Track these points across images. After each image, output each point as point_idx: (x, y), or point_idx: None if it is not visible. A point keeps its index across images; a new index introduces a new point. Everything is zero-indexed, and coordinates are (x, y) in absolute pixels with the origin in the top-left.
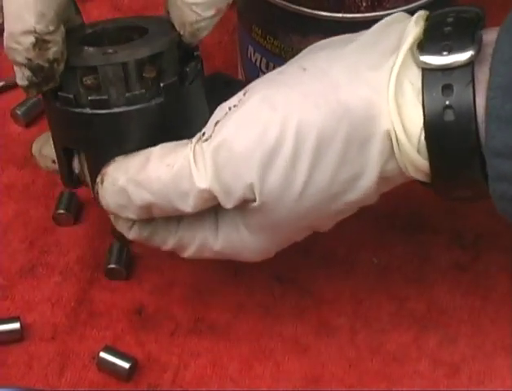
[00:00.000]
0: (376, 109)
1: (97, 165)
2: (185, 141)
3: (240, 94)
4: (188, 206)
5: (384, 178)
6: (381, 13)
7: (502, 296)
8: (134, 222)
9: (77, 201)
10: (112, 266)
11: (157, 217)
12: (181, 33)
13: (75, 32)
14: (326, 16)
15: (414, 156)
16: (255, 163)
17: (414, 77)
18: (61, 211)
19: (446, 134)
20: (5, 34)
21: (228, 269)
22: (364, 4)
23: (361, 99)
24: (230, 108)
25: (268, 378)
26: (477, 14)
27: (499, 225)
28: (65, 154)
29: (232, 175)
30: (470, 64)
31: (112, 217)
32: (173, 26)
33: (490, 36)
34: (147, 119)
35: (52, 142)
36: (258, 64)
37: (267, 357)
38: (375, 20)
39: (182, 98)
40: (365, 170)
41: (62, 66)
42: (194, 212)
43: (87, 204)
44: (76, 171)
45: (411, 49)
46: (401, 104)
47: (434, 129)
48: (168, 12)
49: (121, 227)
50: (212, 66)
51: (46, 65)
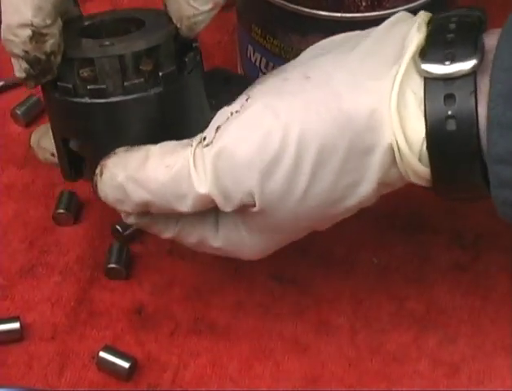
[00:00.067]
0: (378, 119)
1: (96, 156)
2: (185, 141)
3: (242, 99)
4: (186, 207)
5: (384, 183)
6: (380, 13)
7: (502, 296)
8: None
9: (77, 201)
10: (111, 266)
11: None
12: (178, 27)
13: (73, 23)
14: (325, 16)
15: (415, 165)
16: (256, 171)
17: (416, 86)
18: (61, 211)
19: (448, 143)
20: (2, 26)
21: (228, 268)
22: (364, 4)
23: (364, 109)
24: (232, 113)
25: (268, 377)
26: (479, 18)
27: (499, 225)
28: (65, 146)
29: (232, 182)
30: (473, 73)
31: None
32: (170, 19)
33: (491, 40)
34: (145, 108)
35: (52, 134)
36: (258, 64)
37: (267, 356)
38: (374, 20)
39: (180, 87)
40: (365, 178)
41: (59, 58)
42: (191, 212)
43: (87, 204)
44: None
45: (413, 57)
46: (403, 115)
47: (435, 138)
48: (165, 5)
49: (120, 212)
50: (212, 66)
51: (43, 58)
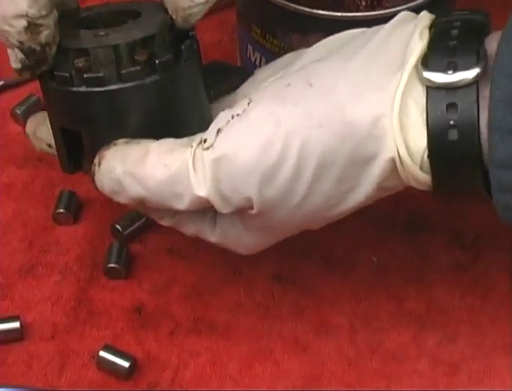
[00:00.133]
0: (380, 129)
1: (94, 145)
2: (185, 140)
3: (244, 103)
4: (182, 206)
5: (383, 188)
6: (380, 12)
7: (502, 295)
8: None
9: (77, 200)
10: (111, 265)
11: None
12: (173, 18)
13: (70, 15)
14: (325, 15)
15: (416, 172)
16: (255, 179)
17: (418, 95)
18: (61, 210)
19: (449, 152)
20: None
21: (228, 268)
22: (364, 3)
23: (366, 119)
24: (233, 117)
25: (268, 377)
26: (482, 23)
27: (499, 225)
28: (63, 137)
29: (231, 188)
30: (475, 82)
31: None
32: (166, 10)
33: (492, 46)
34: (142, 96)
35: (49, 125)
36: (258, 64)
37: (267, 356)
38: (374, 19)
39: (177, 75)
40: (363, 184)
41: (54, 49)
42: (188, 211)
43: (87, 204)
44: None
45: (416, 66)
46: (405, 124)
47: (437, 148)
48: None
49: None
50: None
51: (38, 48)
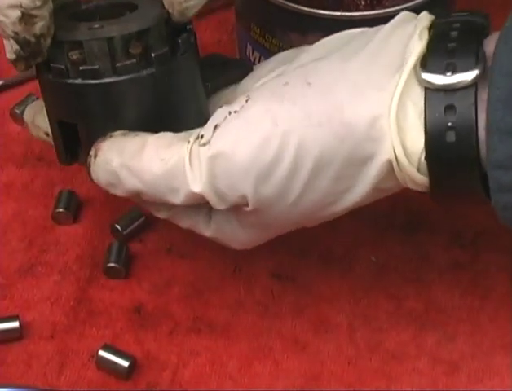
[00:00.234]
0: (378, 130)
1: (90, 137)
2: (182, 135)
3: (242, 100)
4: (178, 200)
5: (379, 189)
6: (380, 12)
7: (501, 295)
8: None
9: (76, 200)
10: (111, 265)
11: None
12: (170, 12)
13: (68, 8)
14: (325, 15)
15: (414, 174)
16: (251, 177)
17: (417, 97)
18: (60, 210)
19: (447, 154)
20: None
21: (227, 267)
22: (363, 3)
23: (364, 120)
24: (230, 113)
25: (267, 376)
26: (482, 24)
27: (498, 224)
28: (60, 128)
29: (227, 185)
30: (474, 85)
31: None
32: (162, 4)
33: (490, 47)
34: (138, 89)
35: (46, 115)
36: (257, 63)
37: (266, 355)
38: (374, 19)
39: (174, 69)
40: (359, 185)
41: (49, 41)
42: (183, 205)
43: (86, 203)
44: None
45: (414, 67)
46: (402, 126)
47: (435, 150)
48: None
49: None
50: None
51: (33, 40)
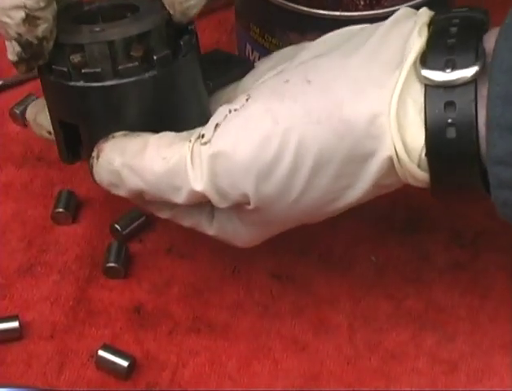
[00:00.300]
0: (378, 127)
1: (92, 139)
2: (184, 134)
3: (242, 99)
4: (180, 199)
5: (380, 185)
6: (379, 11)
7: (501, 294)
8: None
9: (76, 200)
10: (110, 265)
11: None
12: (171, 13)
13: (71, 9)
14: (324, 15)
15: (414, 170)
16: (252, 175)
17: (417, 94)
18: (59, 210)
19: (447, 150)
20: None
21: (227, 267)
22: (362, 2)
23: (364, 117)
24: (230, 111)
25: (267, 376)
26: (481, 20)
27: (498, 224)
28: (62, 127)
29: (228, 184)
30: (474, 81)
31: None
32: (164, 5)
33: (490, 43)
34: (140, 92)
35: (48, 114)
36: None
37: (266, 355)
38: (373, 19)
39: (175, 71)
40: (360, 182)
41: (51, 44)
42: (185, 204)
43: (85, 203)
44: None
45: (414, 64)
46: (403, 122)
47: (435, 146)
48: None
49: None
50: None
51: (35, 42)
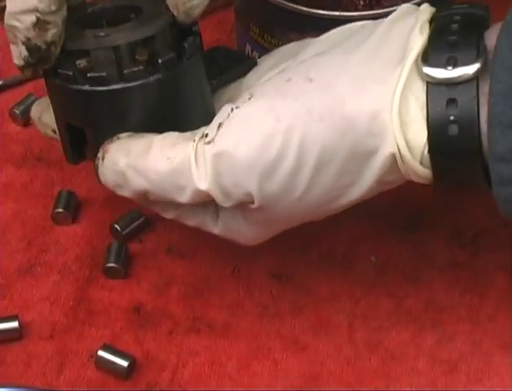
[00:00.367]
0: (380, 124)
1: (97, 140)
2: (188, 134)
3: (245, 98)
4: (184, 199)
5: (383, 182)
6: (378, 11)
7: (501, 293)
8: None
9: (76, 200)
10: (110, 265)
11: None
12: (175, 14)
13: (74, 11)
14: (323, 15)
15: (417, 167)
16: (255, 174)
17: (419, 91)
18: (59, 210)
19: (449, 147)
20: (6, 11)
21: (226, 267)
22: (362, 2)
23: (366, 114)
24: (233, 110)
25: (266, 376)
26: (482, 17)
27: (498, 223)
28: (67, 129)
29: (232, 183)
30: (476, 78)
31: None
32: (167, 6)
33: (491, 39)
34: (146, 95)
35: (54, 115)
36: None
37: (266, 355)
38: (372, 19)
39: (180, 73)
40: (363, 179)
41: (59, 49)
42: (190, 204)
43: (85, 203)
44: None
45: (416, 61)
46: (405, 119)
47: (437, 143)
48: None
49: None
50: None
51: (44, 47)
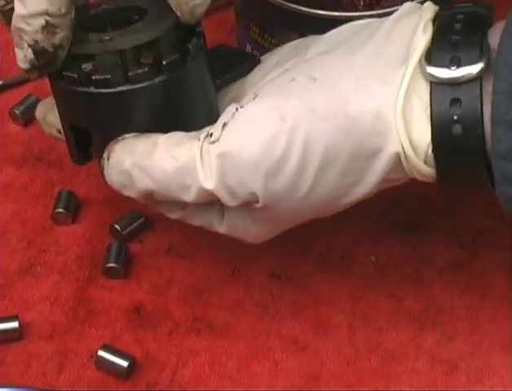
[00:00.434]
0: (384, 124)
1: (103, 141)
2: (193, 134)
3: (249, 98)
4: (189, 198)
5: (387, 180)
6: (378, 12)
7: (500, 294)
8: None
9: (76, 200)
10: (110, 265)
11: None
12: (178, 14)
13: (77, 13)
14: (323, 15)
15: (421, 166)
16: (260, 173)
17: (422, 91)
18: (59, 210)
19: (453, 146)
20: (14, 14)
21: (226, 267)
22: (362, 3)
23: (370, 114)
24: (238, 110)
25: (266, 376)
26: (485, 15)
27: (497, 223)
28: (72, 130)
29: (237, 182)
30: (479, 77)
31: None
32: (170, 7)
33: (495, 38)
34: (151, 97)
35: (59, 117)
36: None
37: (266, 355)
38: None
39: (185, 74)
40: (367, 178)
41: (65, 53)
42: (195, 203)
43: (85, 203)
44: None
45: (419, 61)
46: (409, 119)
47: (441, 142)
48: None
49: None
50: None
51: (51, 50)
